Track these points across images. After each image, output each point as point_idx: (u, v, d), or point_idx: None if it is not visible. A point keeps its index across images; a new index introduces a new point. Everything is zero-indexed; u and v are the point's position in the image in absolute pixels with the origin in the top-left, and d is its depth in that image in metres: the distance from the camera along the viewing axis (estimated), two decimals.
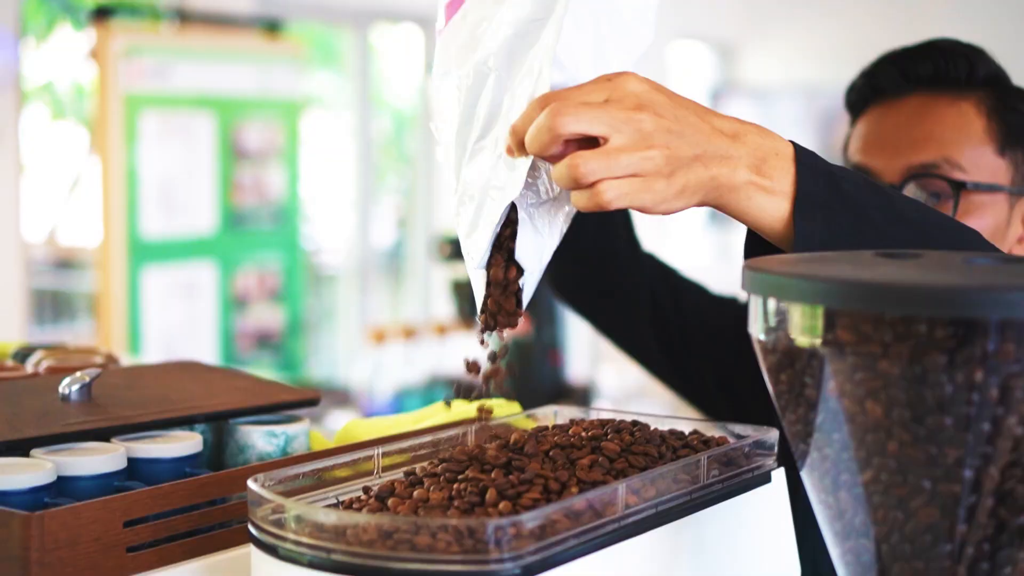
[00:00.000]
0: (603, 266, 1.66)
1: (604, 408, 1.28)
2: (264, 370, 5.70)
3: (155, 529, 1.04)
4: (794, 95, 7.95)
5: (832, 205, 1.04)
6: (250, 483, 0.96)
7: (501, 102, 1.07)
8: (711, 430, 1.19)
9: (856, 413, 0.81)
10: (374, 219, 6.85)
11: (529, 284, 1.08)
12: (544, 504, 0.94)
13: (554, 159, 0.99)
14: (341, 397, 5.14)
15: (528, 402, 1.46)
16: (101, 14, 5.10)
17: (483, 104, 1.08)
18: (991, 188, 1.49)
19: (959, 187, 1.47)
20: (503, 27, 1.08)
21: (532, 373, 4.79)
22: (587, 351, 5.45)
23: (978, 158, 1.50)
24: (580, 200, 0.98)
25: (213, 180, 5.65)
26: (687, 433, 1.17)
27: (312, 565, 0.89)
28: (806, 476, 0.88)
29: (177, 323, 5.54)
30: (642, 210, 0.99)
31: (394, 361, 5.13)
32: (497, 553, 0.86)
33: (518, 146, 1.00)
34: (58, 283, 7.29)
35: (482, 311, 1.08)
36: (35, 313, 6.45)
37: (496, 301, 1.07)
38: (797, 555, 1.20)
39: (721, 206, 1.04)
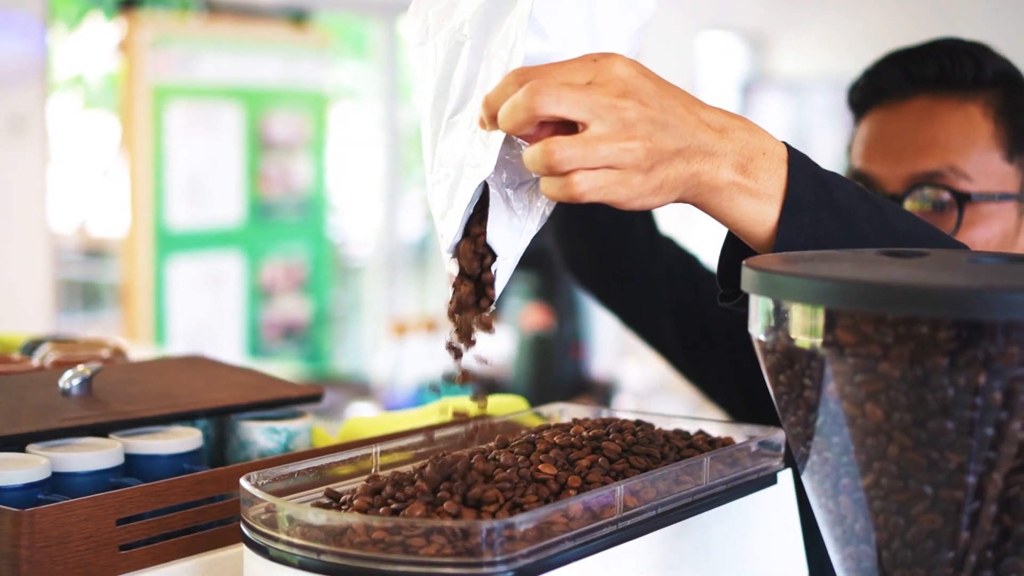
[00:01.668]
0: (619, 251, 1.61)
1: (620, 409, 1.26)
2: (289, 361, 5.71)
3: (149, 527, 1.02)
4: (828, 88, 7.86)
5: (820, 212, 0.99)
6: (242, 482, 0.95)
7: (477, 72, 1.00)
8: (718, 430, 1.17)
9: (856, 416, 0.79)
10: (401, 211, 6.84)
11: (503, 271, 1.00)
12: (542, 506, 0.92)
13: (527, 139, 0.94)
14: (362, 390, 5.13)
15: (548, 397, 1.44)
16: (129, 4, 5.11)
17: (458, 75, 1.01)
18: (998, 198, 1.43)
19: (964, 199, 1.41)
20: None
21: (552, 367, 4.76)
22: (612, 345, 5.42)
23: (985, 164, 1.44)
24: (551, 189, 0.92)
25: (240, 171, 5.66)
26: (692, 433, 1.14)
27: (302, 566, 0.88)
28: (807, 479, 0.86)
29: (203, 314, 5.56)
30: (615, 204, 0.93)
31: (416, 354, 5.12)
32: (490, 555, 0.84)
33: (490, 120, 0.93)
34: (88, 273, 7.32)
35: (451, 298, 1.01)
36: (64, 303, 6.48)
37: (466, 287, 1.00)
38: (805, 559, 1.18)
39: (700, 205, 0.99)
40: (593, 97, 0.90)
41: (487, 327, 1.00)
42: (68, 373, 1.23)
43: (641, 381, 5.34)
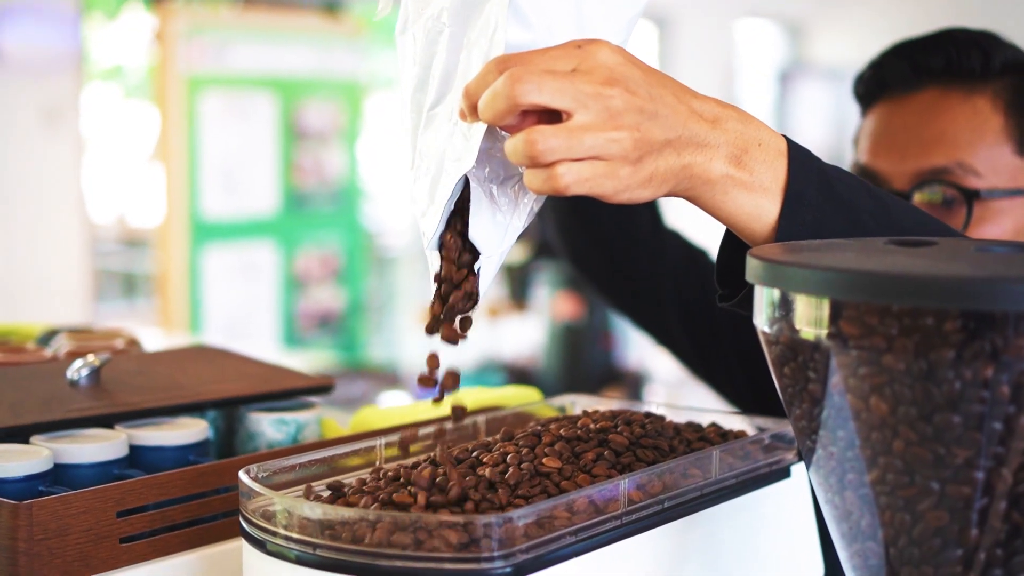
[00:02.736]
0: (622, 245, 1.57)
1: (649, 400, 1.24)
2: (324, 351, 5.72)
3: (151, 519, 1.01)
4: None
5: (824, 207, 0.94)
6: (241, 475, 0.93)
7: (456, 62, 0.95)
8: (731, 423, 1.15)
9: (861, 409, 0.77)
10: None
11: (487, 269, 0.96)
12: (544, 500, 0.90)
13: (509, 130, 0.89)
14: (393, 379, 5.13)
15: (578, 387, 1.42)
16: None
17: (437, 64, 0.96)
18: (1008, 194, 1.38)
19: (972, 195, 1.36)
20: None
21: (583, 357, 4.73)
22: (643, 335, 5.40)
23: (995, 159, 1.38)
24: (534, 181, 0.87)
25: (274, 161, 5.67)
26: (705, 426, 1.12)
27: (299, 561, 0.86)
28: (813, 474, 0.84)
29: (238, 303, 5.58)
30: (602, 197, 0.89)
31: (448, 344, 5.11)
32: (488, 551, 0.83)
33: (471, 110, 0.89)
34: (126, 263, 7.38)
35: (433, 298, 0.97)
36: (103, 292, 6.52)
37: (447, 287, 0.96)
38: (821, 554, 1.16)
39: (693, 199, 0.94)
40: (577, 85, 0.86)
41: (463, 330, 0.97)
42: (76, 363, 1.23)
43: (672, 371, 5.29)
